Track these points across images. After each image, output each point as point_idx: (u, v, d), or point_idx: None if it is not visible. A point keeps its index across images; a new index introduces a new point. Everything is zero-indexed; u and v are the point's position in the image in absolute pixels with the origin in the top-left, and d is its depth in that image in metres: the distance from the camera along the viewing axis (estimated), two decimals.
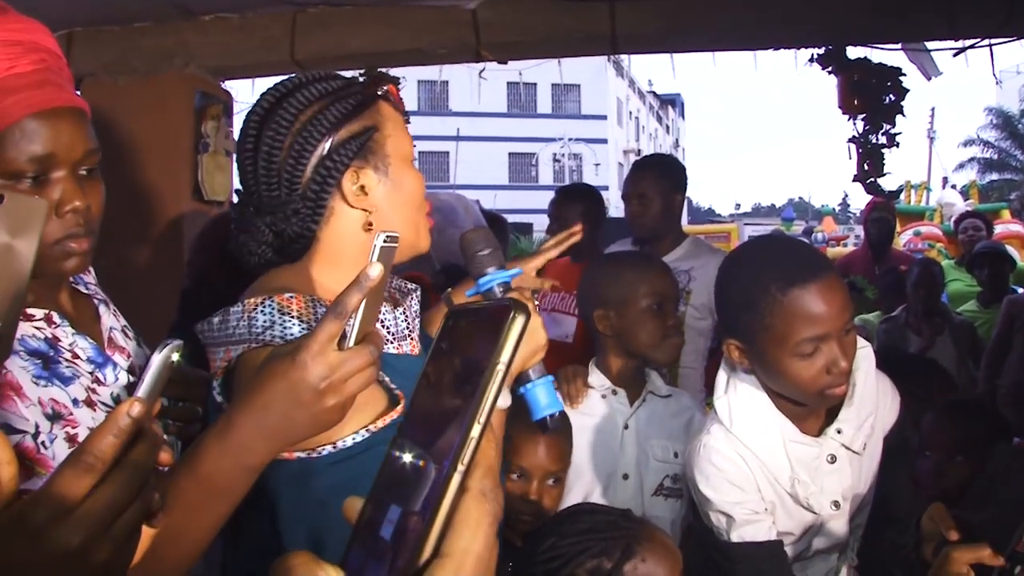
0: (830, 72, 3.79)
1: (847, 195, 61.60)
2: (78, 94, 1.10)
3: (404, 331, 1.21)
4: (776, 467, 1.49)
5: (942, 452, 1.94)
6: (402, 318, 1.22)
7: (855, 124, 3.95)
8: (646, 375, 2.02)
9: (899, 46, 3.69)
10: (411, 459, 0.47)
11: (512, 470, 1.67)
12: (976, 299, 4.54)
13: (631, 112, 42.31)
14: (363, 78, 1.23)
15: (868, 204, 4.90)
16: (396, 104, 1.22)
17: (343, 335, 0.84)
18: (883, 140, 3.92)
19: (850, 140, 4.00)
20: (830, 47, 3.68)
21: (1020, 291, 4.68)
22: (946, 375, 2.84)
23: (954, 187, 13.34)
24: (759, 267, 1.47)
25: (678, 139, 54.07)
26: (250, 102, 1.23)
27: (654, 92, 47.65)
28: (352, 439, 1.01)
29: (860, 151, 3.98)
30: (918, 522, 1.24)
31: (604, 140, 36.80)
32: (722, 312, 1.58)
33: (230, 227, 1.21)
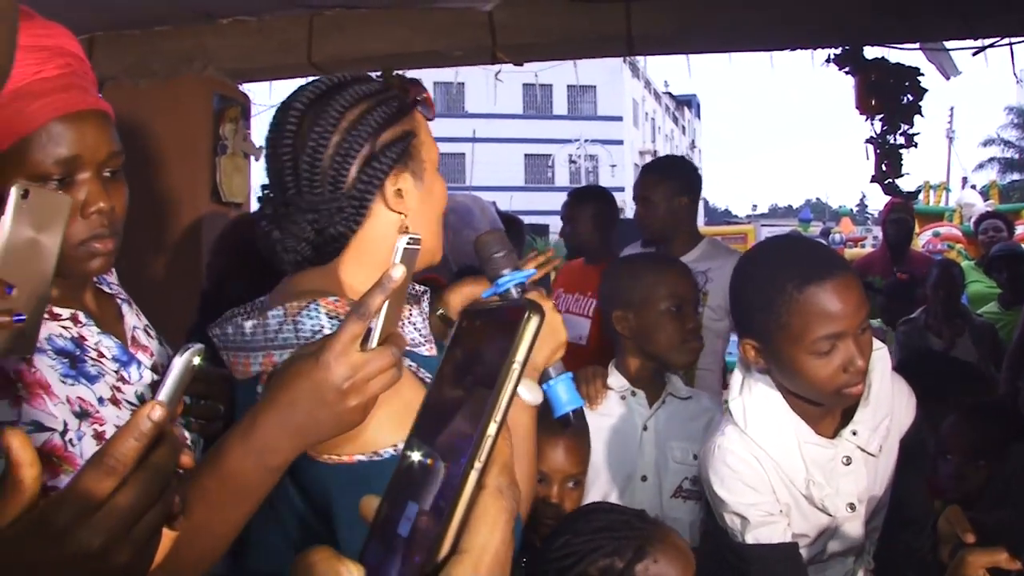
0: (847, 72, 3.76)
1: (865, 196, 61.08)
2: (101, 97, 1.12)
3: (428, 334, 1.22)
4: (791, 468, 1.49)
5: (963, 455, 1.92)
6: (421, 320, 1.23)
7: (872, 124, 3.92)
8: (666, 377, 2.01)
9: (917, 46, 3.66)
10: (420, 457, 0.48)
11: None
12: (997, 300, 4.50)
13: (647, 113, 42.19)
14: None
15: (886, 205, 4.85)
16: (427, 111, 1.22)
17: (366, 336, 0.84)
18: (901, 140, 3.88)
19: (868, 140, 3.96)
20: (847, 47, 3.65)
21: None
22: (973, 371, 2.81)
23: (974, 187, 13.17)
24: (775, 266, 1.47)
25: (694, 140, 53.85)
26: (268, 104, 1.23)
27: (670, 93, 47.50)
28: None
29: (878, 151, 3.94)
30: (934, 524, 1.24)
31: (620, 141, 36.73)
32: (737, 312, 1.58)
33: (251, 228, 1.21)
